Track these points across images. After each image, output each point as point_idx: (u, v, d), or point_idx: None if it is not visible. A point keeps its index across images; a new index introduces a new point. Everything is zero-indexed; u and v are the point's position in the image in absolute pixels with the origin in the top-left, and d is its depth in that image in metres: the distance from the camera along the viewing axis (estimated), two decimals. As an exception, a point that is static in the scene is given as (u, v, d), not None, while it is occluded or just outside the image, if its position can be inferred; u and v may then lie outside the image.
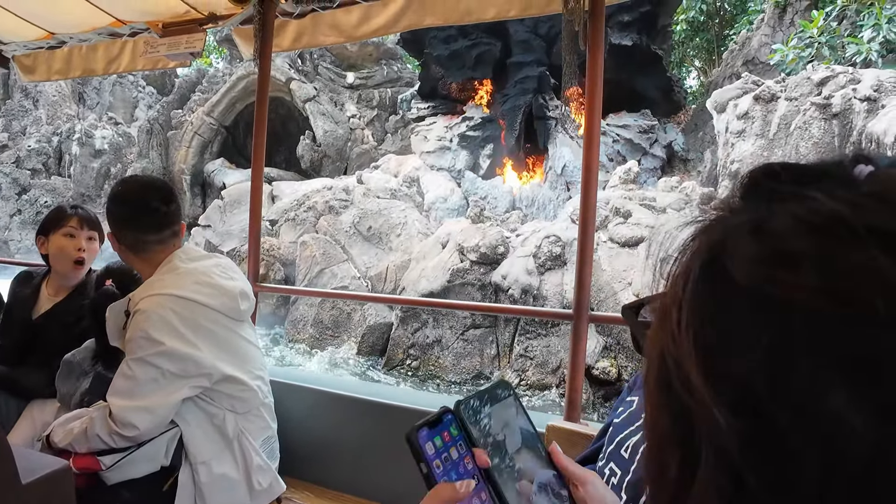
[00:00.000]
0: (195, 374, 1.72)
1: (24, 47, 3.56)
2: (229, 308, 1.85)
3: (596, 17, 2.07)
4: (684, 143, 13.73)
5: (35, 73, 3.69)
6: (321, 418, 2.47)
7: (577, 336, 2.08)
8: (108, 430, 1.64)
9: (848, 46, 10.60)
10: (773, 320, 0.31)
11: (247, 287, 1.95)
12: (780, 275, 0.31)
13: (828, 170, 0.36)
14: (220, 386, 1.80)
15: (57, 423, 1.78)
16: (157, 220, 1.85)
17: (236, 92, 16.25)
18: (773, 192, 0.36)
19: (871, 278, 0.29)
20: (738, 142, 9.10)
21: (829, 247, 0.31)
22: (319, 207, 9.44)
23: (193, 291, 1.76)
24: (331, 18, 2.88)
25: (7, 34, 3.43)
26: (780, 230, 0.33)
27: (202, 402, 1.80)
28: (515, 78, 13.24)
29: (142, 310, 1.68)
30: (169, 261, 1.85)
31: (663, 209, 7.91)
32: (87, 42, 3.41)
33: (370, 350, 7.65)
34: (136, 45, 3.29)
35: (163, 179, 2.16)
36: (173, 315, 1.68)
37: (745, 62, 14.08)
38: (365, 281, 8.46)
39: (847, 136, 8.13)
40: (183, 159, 16.75)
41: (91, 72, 3.55)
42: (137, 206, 1.86)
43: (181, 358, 1.68)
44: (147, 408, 1.65)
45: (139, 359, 1.65)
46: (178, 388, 1.70)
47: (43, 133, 17.67)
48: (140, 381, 1.65)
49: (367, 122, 15.67)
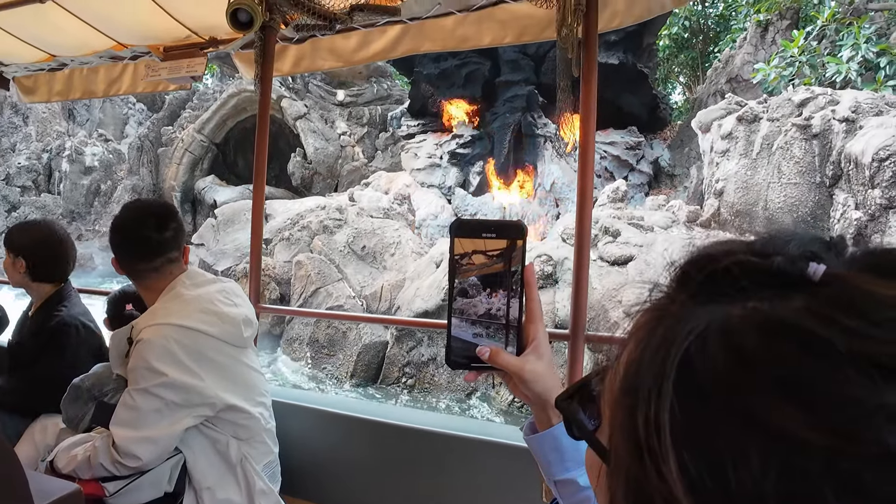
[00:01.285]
0: (198, 403, 1.71)
1: (24, 69, 3.54)
2: (232, 336, 1.83)
3: (589, 45, 2.09)
4: (670, 158, 14.01)
5: (35, 95, 3.69)
6: (321, 438, 2.46)
7: (573, 356, 2.09)
8: (111, 459, 1.64)
9: (828, 65, 10.89)
10: (777, 451, 0.30)
11: (251, 313, 1.95)
12: (771, 404, 0.30)
13: (783, 269, 0.36)
14: (223, 414, 1.80)
15: (60, 449, 1.79)
16: (148, 248, 1.82)
17: (227, 109, 16.33)
18: (729, 294, 0.35)
19: (867, 413, 0.29)
20: (723, 161, 9.34)
21: (813, 374, 0.30)
22: (314, 227, 9.53)
23: (197, 321, 1.73)
24: (330, 44, 2.92)
25: (8, 56, 3.43)
26: (754, 348, 0.32)
27: (206, 428, 1.80)
28: (504, 96, 13.48)
29: (145, 339, 1.66)
30: (173, 287, 1.82)
31: (651, 228, 8.10)
32: (88, 65, 3.41)
33: (365, 368, 7.73)
34: (136, 68, 3.30)
35: (163, 203, 2.09)
36: (176, 345, 1.67)
37: (728, 80, 14.41)
38: (360, 300, 8.55)
39: (827, 155, 8.39)
40: (173, 176, 16.77)
41: (91, 94, 3.54)
42: (128, 234, 1.85)
43: (184, 389, 1.67)
44: (150, 438, 1.64)
45: (142, 389, 1.64)
46: (181, 419, 1.69)
47: (33, 150, 17.60)
48: (143, 412, 1.64)
49: (358, 140, 15.79)
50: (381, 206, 10.68)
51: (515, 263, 0.77)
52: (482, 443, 2.11)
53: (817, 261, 0.36)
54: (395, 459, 2.31)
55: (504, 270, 0.77)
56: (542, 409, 0.80)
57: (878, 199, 7.38)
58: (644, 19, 2.30)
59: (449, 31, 2.64)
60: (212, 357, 1.76)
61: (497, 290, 0.77)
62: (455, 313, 0.77)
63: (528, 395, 0.80)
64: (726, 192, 9.16)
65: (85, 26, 2.97)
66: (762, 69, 11.84)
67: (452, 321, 0.77)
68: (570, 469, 0.78)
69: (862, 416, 0.29)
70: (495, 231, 0.77)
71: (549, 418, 0.80)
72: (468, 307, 0.77)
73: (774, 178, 8.67)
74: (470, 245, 0.76)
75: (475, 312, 0.77)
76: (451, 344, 0.78)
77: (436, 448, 2.20)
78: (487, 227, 0.77)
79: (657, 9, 2.24)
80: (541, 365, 0.79)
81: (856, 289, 0.33)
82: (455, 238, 0.76)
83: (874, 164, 7.40)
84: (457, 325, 0.77)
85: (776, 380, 0.30)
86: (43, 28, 3.07)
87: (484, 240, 0.76)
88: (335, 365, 8.04)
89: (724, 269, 0.37)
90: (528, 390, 0.79)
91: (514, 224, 0.78)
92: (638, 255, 7.36)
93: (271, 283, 8.98)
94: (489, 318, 0.78)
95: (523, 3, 2.39)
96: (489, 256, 0.77)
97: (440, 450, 2.19)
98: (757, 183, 8.87)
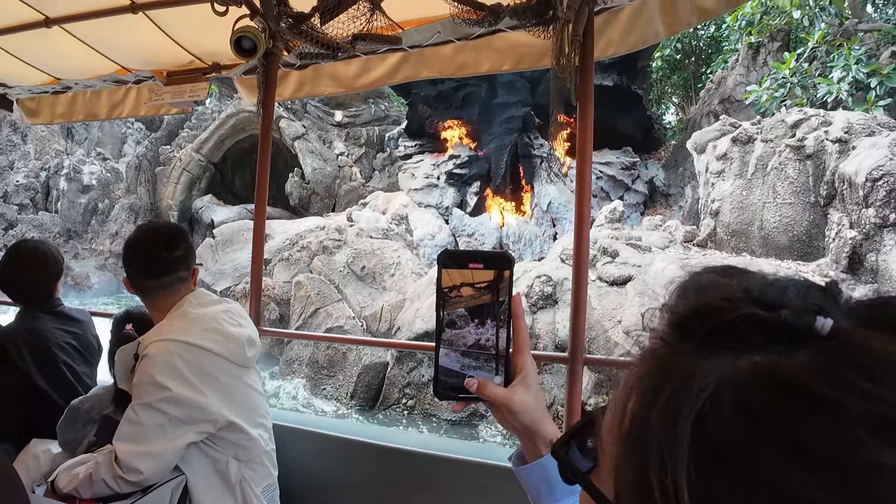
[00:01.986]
0: (200, 419, 1.72)
1: (28, 91, 3.58)
2: (236, 355, 1.86)
3: (585, 73, 2.12)
4: (665, 178, 14.17)
5: (38, 116, 3.72)
6: (321, 461, 2.44)
7: (572, 379, 2.11)
8: (112, 474, 1.64)
9: (819, 86, 11.08)
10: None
11: (254, 334, 1.97)
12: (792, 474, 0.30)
13: (790, 323, 0.35)
14: (223, 433, 1.81)
15: (62, 469, 1.78)
16: (159, 266, 1.86)
17: (225, 129, 16.44)
18: (735, 348, 0.35)
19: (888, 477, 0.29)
20: (718, 181, 9.47)
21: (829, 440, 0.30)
22: (313, 247, 9.56)
23: (201, 338, 1.77)
24: (331, 70, 2.98)
25: (12, 78, 3.47)
26: (768, 411, 0.32)
27: (207, 447, 1.81)
28: (501, 118, 13.63)
29: (149, 354, 1.69)
30: (180, 305, 1.86)
31: (649, 248, 8.17)
32: (92, 88, 3.44)
33: (366, 389, 7.72)
34: (140, 92, 3.33)
35: (173, 225, 2.16)
36: (180, 361, 1.69)
37: (721, 100, 14.64)
38: (360, 321, 8.56)
39: (821, 176, 8.52)
40: (171, 195, 16.82)
41: (94, 116, 3.57)
42: (139, 253, 1.89)
43: (187, 404, 1.68)
44: (152, 453, 1.65)
45: (145, 404, 1.66)
46: (183, 434, 1.70)
47: (31, 168, 17.63)
48: (146, 427, 1.65)
49: (355, 160, 15.90)
50: (379, 227, 10.72)
51: (503, 294, 0.77)
52: (484, 466, 2.10)
53: (823, 314, 0.35)
54: (395, 483, 2.30)
55: (492, 301, 0.77)
56: (531, 439, 0.81)
57: (872, 218, 7.49)
58: (639, 48, 2.36)
59: (448, 58, 2.70)
60: (215, 374, 1.78)
61: (485, 321, 0.77)
62: (443, 344, 0.78)
63: (516, 426, 0.80)
64: (722, 212, 9.27)
65: (89, 50, 3.03)
66: (754, 90, 12.04)
67: (440, 351, 0.78)
68: (560, 499, 0.78)
69: (883, 480, 0.29)
70: (483, 262, 0.77)
71: (537, 448, 0.80)
72: (456, 338, 0.78)
73: (769, 198, 8.79)
74: (458, 276, 0.77)
75: (463, 343, 0.78)
76: (439, 375, 0.79)
77: (437, 472, 2.18)
78: (475, 258, 0.78)
79: (651, 37, 2.30)
80: (529, 396, 0.79)
81: (864, 347, 0.33)
82: (442, 269, 0.77)
83: (868, 184, 7.52)
84: (444, 355, 0.78)
85: (795, 446, 0.30)
86: (48, 52, 3.11)
87: (472, 271, 0.77)
88: (335, 386, 8.02)
89: (730, 322, 0.37)
90: (517, 421, 0.79)
91: (501, 255, 0.78)
92: (636, 276, 7.42)
93: (271, 303, 8.98)
94: (477, 349, 0.78)
95: (521, 33, 2.42)
96: (477, 287, 0.78)
97: (442, 473, 2.18)
98: (752, 203, 8.98)
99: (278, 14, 2.43)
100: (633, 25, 2.30)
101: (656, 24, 2.25)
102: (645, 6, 2.25)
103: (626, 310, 7.06)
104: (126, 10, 2.65)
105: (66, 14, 2.77)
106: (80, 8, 2.72)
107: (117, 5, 2.65)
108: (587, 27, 2.06)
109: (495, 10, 2.17)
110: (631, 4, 2.27)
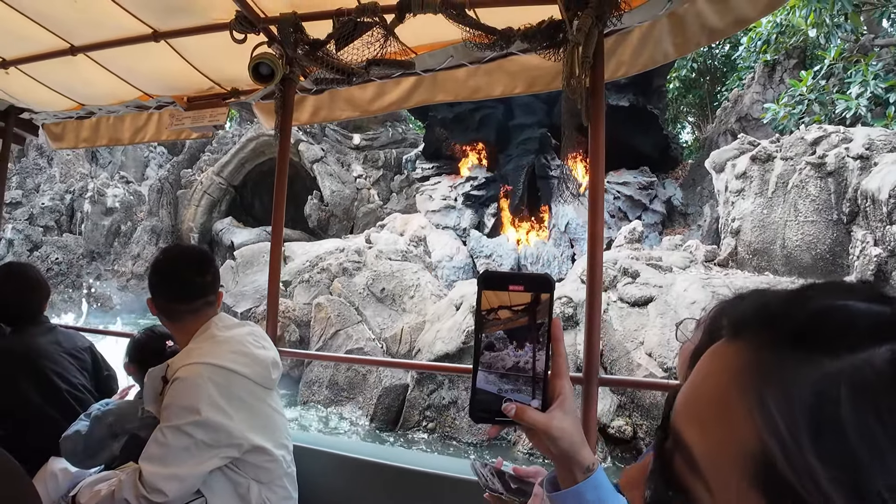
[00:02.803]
0: (226, 444, 1.74)
1: (53, 116, 3.68)
2: (262, 377, 1.87)
3: (597, 94, 2.11)
4: (683, 197, 14.10)
5: (63, 141, 3.80)
6: (341, 483, 2.42)
7: (587, 400, 2.09)
8: (135, 493, 1.64)
9: (837, 103, 11.00)
10: None
11: (277, 356, 2.00)
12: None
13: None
14: (247, 456, 1.82)
15: (84, 484, 1.81)
16: (189, 290, 1.89)
17: (246, 153, 16.71)
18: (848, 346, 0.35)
19: None
20: (738, 200, 9.40)
21: None
22: (333, 269, 9.63)
23: (231, 361, 1.78)
24: (347, 94, 3.03)
25: (38, 104, 3.56)
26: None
27: (229, 471, 1.81)
28: (518, 139, 13.73)
29: (181, 378, 1.70)
30: (206, 328, 1.88)
31: (669, 268, 8.12)
32: (115, 113, 3.52)
33: (386, 412, 7.70)
34: (161, 117, 3.42)
35: (202, 249, 2.17)
36: (211, 384, 1.71)
37: (738, 119, 14.60)
38: (380, 342, 8.57)
39: (843, 193, 8.42)
40: (192, 218, 17.08)
41: (117, 141, 3.65)
42: (170, 276, 1.90)
43: (214, 428, 1.70)
44: (178, 476, 1.66)
45: (174, 427, 1.67)
46: (208, 459, 1.71)
47: (56, 191, 18.00)
48: (172, 449, 1.66)
49: (373, 182, 16.07)
50: (398, 249, 10.77)
51: (542, 317, 0.77)
52: None
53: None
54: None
55: (531, 324, 0.77)
56: (566, 465, 0.79)
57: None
58: (649, 68, 2.37)
59: (461, 82, 2.75)
60: (243, 397, 1.80)
61: (524, 344, 0.77)
62: (481, 366, 0.77)
63: (553, 452, 0.79)
64: (743, 230, 9.19)
65: (113, 77, 3.11)
66: (772, 108, 11.99)
67: (478, 374, 0.77)
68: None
69: None
70: (523, 284, 0.77)
71: (572, 475, 0.79)
72: (495, 360, 0.77)
73: (791, 217, 8.70)
74: (497, 298, 0.77)
75: (502, 366, 0.77)
76: (476, 397, 0.78)
77: (464, 495, 2.14)
78: (515, 280, 0.77)
79: (661, 58, 2.31)
80: (567, 421, 0.78)
81: None
82: (483, 291, 0.77)
83: (891, 201, 7.42)
84: (482, 377, 0.77)
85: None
86: (73, 78, 3.20)
87: (511, 293, 0.77)
88: (355, 408, 8.01)
89: (837, 316, 0.36)
90: (555, 447, 0.78)
91: (541, 277, 0.78)
92: (658, 296, 7.37)
93: (291, 325, 9.03)
94: (515, 372, 0.77)
95: (532, 56, 2.45)
96: (516, 310, 0.77)
97: (469, 497, 2.10)
98: (773, 221, 8.90)
99: (295, 41, 2.50)
100: (643, 47, 2.32)
101: (666, 44, 2.27)
102: (654, 28, 2.27)
103: (649, 331, 7.00)
104: (148, 39, 2.73)
105: (91, 42, 2.85)
106: (105, 36, 2.80)
107: (140, 34, 2.73)
108: (597, 49, 2.07)
109: (506, 34, 2.21)
110: (640, 26, 2.28)
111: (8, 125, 3.70)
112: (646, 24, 2.26)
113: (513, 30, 2.20)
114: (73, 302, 15.51)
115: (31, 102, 3.54)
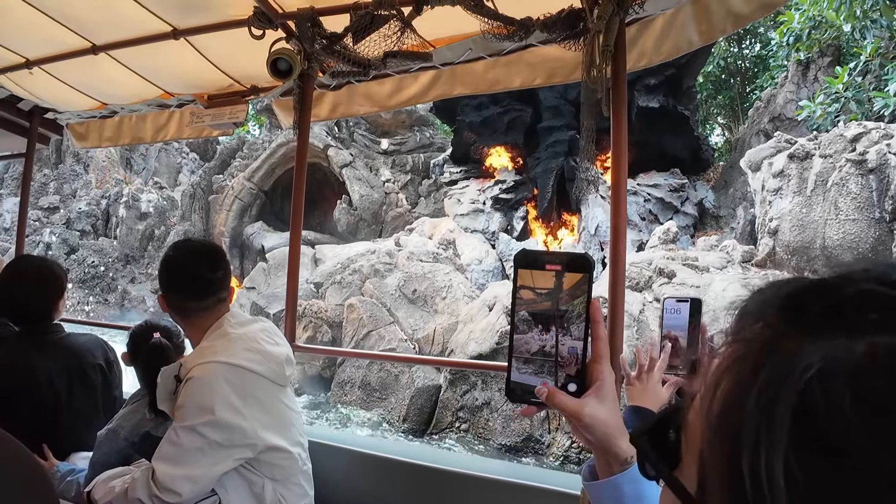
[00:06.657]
0: (239, 444, 1.71)
1: (77, 116, 3.69)
2: (276, 374, 1.84)
3: (618, 85, 2.04)
4: (714, 200, 13.88)
5: (87, 140, 3.82)
6: (359, 481, 2.35)
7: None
8: (148, 492, 1.62)
9: (875, 100, 10.74)
10: None
11: (290, 352, 1.96)
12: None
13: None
14: (262, 455, 1.78)
15: (100, 480, 1.77)
16: (201, 287, 1.84)
17: (276, 158, 16.95)
18: (851, 328, 0.33)
19: None
20: (776, 199, 9.22)
21: None
22: (365, 271, 9.69)
23: (244, 359, 1.75)
24: (365, 90, 2.99)
25: (62, 104, 3.58)
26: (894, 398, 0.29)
27: (243, 469, 1.78)
28: (546, 142, 13.66)
29: (195, 377, 1.67)
30: (219, 325, 1.85)
31: (706, 268, 7.99)
32: (137, 112, 3.53)
33: (418, 412, 7.70)
34: (182, 115, 3.41)
35: (214, 245, 2.09)
36: (225, 384, 1.68)
37: (771, 119, 14.33)
38: (412, 343, 8.58)
39: (885, 190, 8.21)
40: (223, 222, 17.35)
41: (140, 140, 3.66)
42: (182, 273, 1.86)
43: (228, 428, 1.67)
44: (192, 477, 1.64)
45: (188, 427, 1.64)
46: (222, 460, 1.69)
47: (92, 196, 18.52)
48: (186, 450, 1.64)
49: (402, 186, 16.15)
50: (428, 251, 10.80)
51: (581, 298, 0.73)
52: (533, 489, 1.97)
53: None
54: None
55: (569, 305, 0.73)
56: (603, 455, 0.75)
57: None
58: (672, 57, 2.28)
59: (480, 74, 2.69)
60: (257, 395, 1.77)
61: (561, 326, 0.73)
62: (516, 345, 0.74)
63: (589, 439, 0.74)
64: (781, 230, 9.01)
65: (134, 76, 3.13)
66: (807, 106, 11.74)
67: (514, 354, 0.75)
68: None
69: None
70: (561, 263, 0.73)
71: (609, 466, 0.75)
72: (531, 341, 0.74)
73: (831, 215, 8.50)
74: (534, 278, 0.73)
75: (538, 347, 0.74)
76: (511, 377, 0.75)
77: (482, 494, 2.08)
78: (553, 259, 0.74)
79: (685, 46, 2.21)
80: (602, 409, 0.73)
81: None
82: (519, 269, 0.74)
83: (937, 199, 7.22)
84: (518, 357, 0.75)
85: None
86: (95, 78, 3.23)
87: (549, 272, 0.73)
88: (387, 409, 8.02)
89: (848, 298, 0.34)
90: (589, 434, 0.73)
91: (580, 256, 0.74)
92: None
93: (323, 325, 9.10)
94: (551, 355, 0.74)
95: (552, 47, 2.38)
96: (553, 290, 0.73)
97: (487, 496, 2.07)
98: (813, 220, 8.71)
99: (312, 35, 2.49)
100: (667, 35, 2.22)
101: (690, 32, 2.17)
102: (678, 14, 2.17)
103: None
104: (168, 37, 2.75)
105: (112, 41, 2.87)
106: (125, 35, 2.82)
107: (160, 32, 2.75)
108: (618, 38, 2.00)
109: (525, 25, 2.15)
110: (664, 13, 2.19)
111: (33, 125, 3.76)
112: (669, 11, 2.17)
113: (532, 19, 2.14)
114: (108, 305, 15.87)
115: (55, 102, 3.58)
